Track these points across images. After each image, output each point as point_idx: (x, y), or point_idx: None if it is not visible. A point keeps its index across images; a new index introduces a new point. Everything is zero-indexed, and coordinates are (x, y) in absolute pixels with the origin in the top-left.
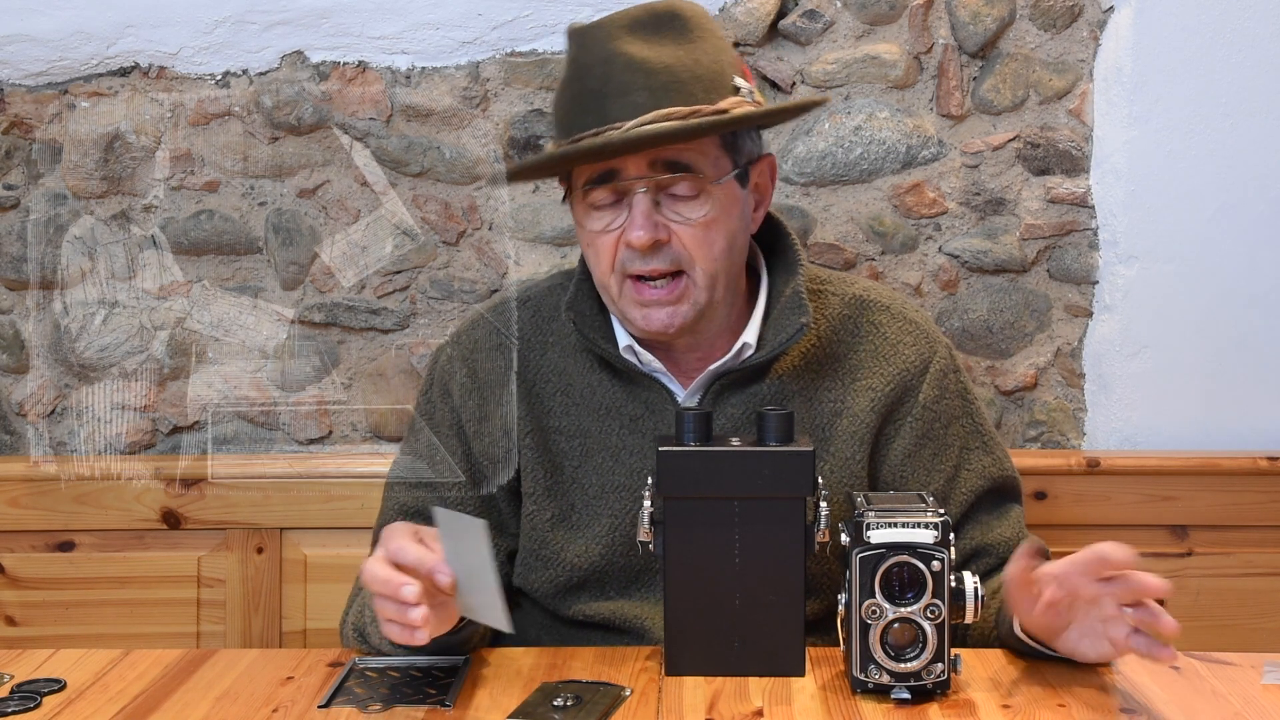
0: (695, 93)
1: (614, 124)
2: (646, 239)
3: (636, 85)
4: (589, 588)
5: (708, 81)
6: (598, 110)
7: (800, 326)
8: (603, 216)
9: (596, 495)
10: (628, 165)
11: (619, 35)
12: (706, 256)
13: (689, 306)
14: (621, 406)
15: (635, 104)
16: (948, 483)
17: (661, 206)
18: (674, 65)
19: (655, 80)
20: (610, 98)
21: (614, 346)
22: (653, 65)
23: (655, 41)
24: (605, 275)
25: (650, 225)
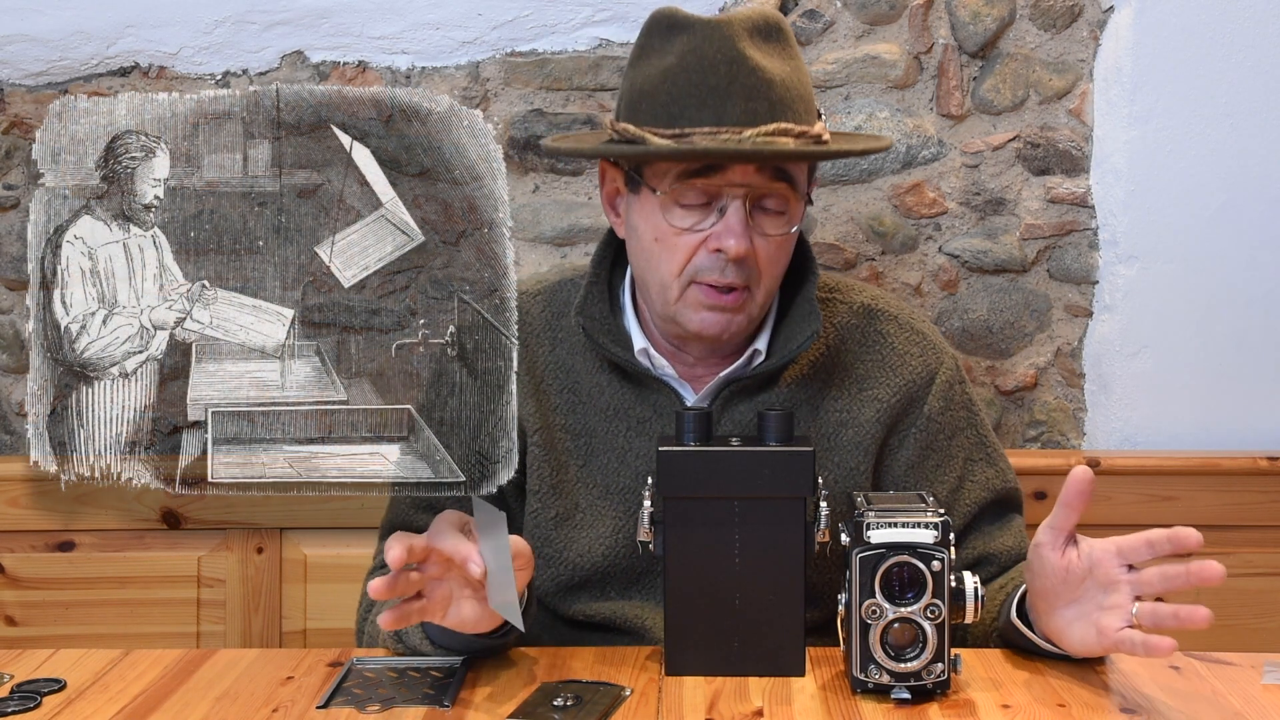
0: (800, 111)
1: (732, 127)
2: (743, 249)
3: (759, 94)
4: (590, 588)
5: (808, 101)
6: (716, 107)
7: (810, 334)
8: (690, 215)
9: (601, 496)
10: (734, 169)
11: (743, 38)
12: (773, 273)
13: (744, 318)
14: (629, 408)
15: (756, 112)
16: (951, 494)
17: (753, 218)
18: (787, 80)
19: (775, 93)
20: (734, 99)
21: (626, 349)
22: (773, 76)
23: (768, 50)
24: (670, 275)
25: (746, 236)
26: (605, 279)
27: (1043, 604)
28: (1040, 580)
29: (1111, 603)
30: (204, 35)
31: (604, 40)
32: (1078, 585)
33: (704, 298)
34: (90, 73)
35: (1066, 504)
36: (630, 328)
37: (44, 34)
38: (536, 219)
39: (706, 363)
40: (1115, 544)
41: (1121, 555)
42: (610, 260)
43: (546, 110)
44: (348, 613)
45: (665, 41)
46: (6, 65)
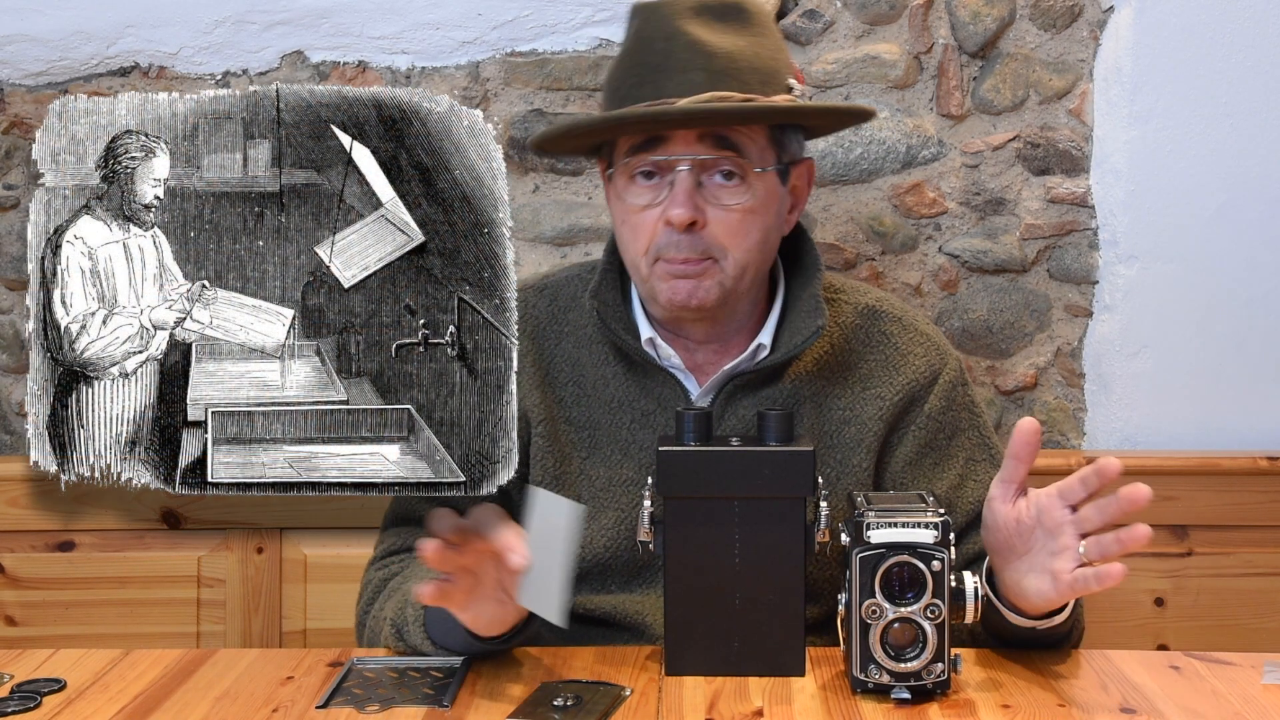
0: (751, 82)
1: (668, 99)
2: (686, 216)
3: (695, 65)
4: (591, 581)
5: (764, 74)
6: (653, 83)
7: (816, 329)
8: (643, 193)
9: (603, 488)
10: (675, 140)
11: (685, 15)
12: (739, 245)
13: (713, 284)
14: (634, 401)
15: (692, 82)
16: (951, 492)
17: (703, 189)
18: (734, 52)
19: (714, 63)
20: (668, 73)
21: (634, 338)
22: (714, 48)
23: (719, 27)
24: (638, 254)
25: (690, 204)
26: (617, 268)
27: (999, 560)
28: (994, 535)
29: (1059, 545)
30: (204, 35)
31: (604, 40)
32: (1029, 535)
33: (668, 268)
34: (90, 73)
35: (1014, 455)
36: (638, 317)
37: (44, 34)
38: (536, 219)
39: (710, 352)
40: (1055, 487)
41: (1061, 496)
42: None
43: (546, 110)
44: (348, 613)
45: (627, 31)
46: (6, 65)
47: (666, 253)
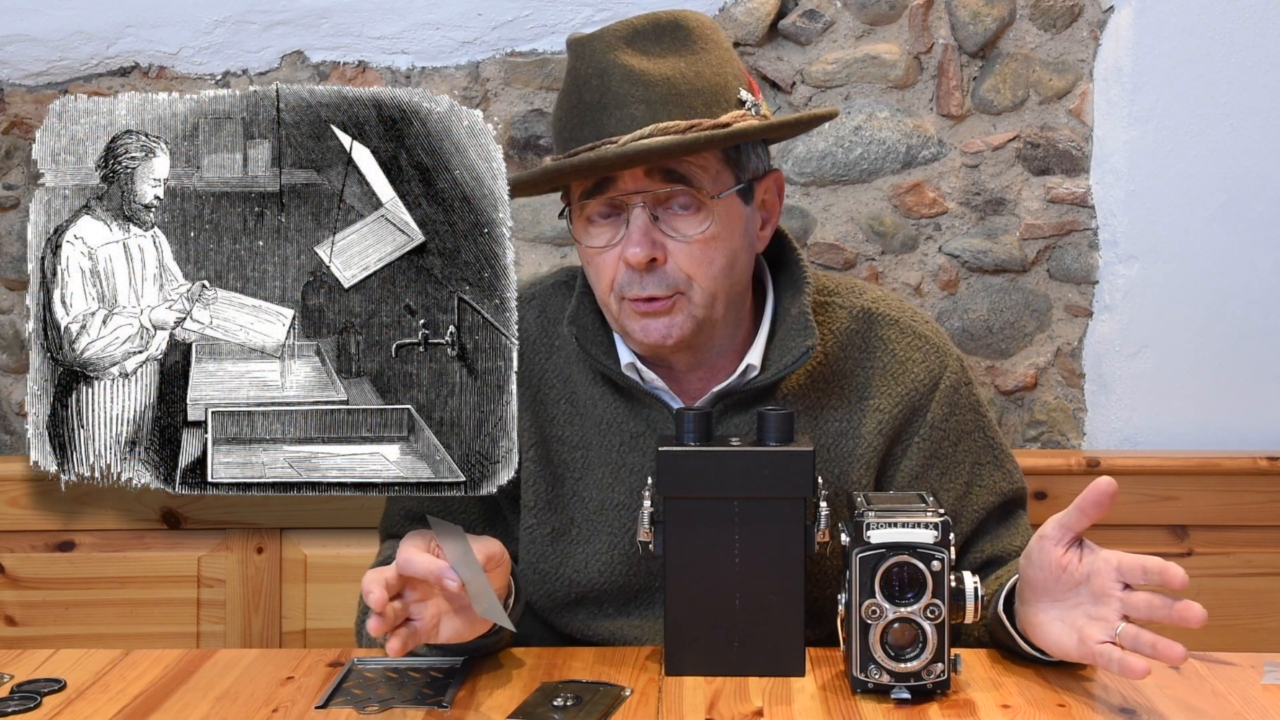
0: (695, 105)
1: (610, 138)
2: (643, 256)
3: (634, 98)
4: (587, 605)
5: (709, 94)
6: (594, 123)
7: (805, 350)
8: (601, 233)
9: (596, 511)
10: (624, 178)
11: (617, 46)
12: (705, 275)
13: (685, 318)
14: (623, 423)
15: (632, 117)
16: (959, 500)
17: (660, 223)
18: (673, 77)
19: (653, 92)
20: (607, 110)
21: (615, 363)
22: (651, 77)
23: (655, 53)
24: (605, 294)
25: (647, 242)
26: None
27: (1029, 593)
28: (1035, 570)
29: (1099, 614)
30: (204, 35)
31: None
32: (1070, 588)
33: (635, 307)
34: (90, 73)
35: (1082, 509)
36: (618, 342)
37: (44, 34)
38: (536, 219)
39: (696, 375)
40: (1116, 560)
41: (1119, 572)
42: None
43: (546, 110)
44: (348, 613)
45: (567, 66)
46: (6, 65)
47: (630, 291)
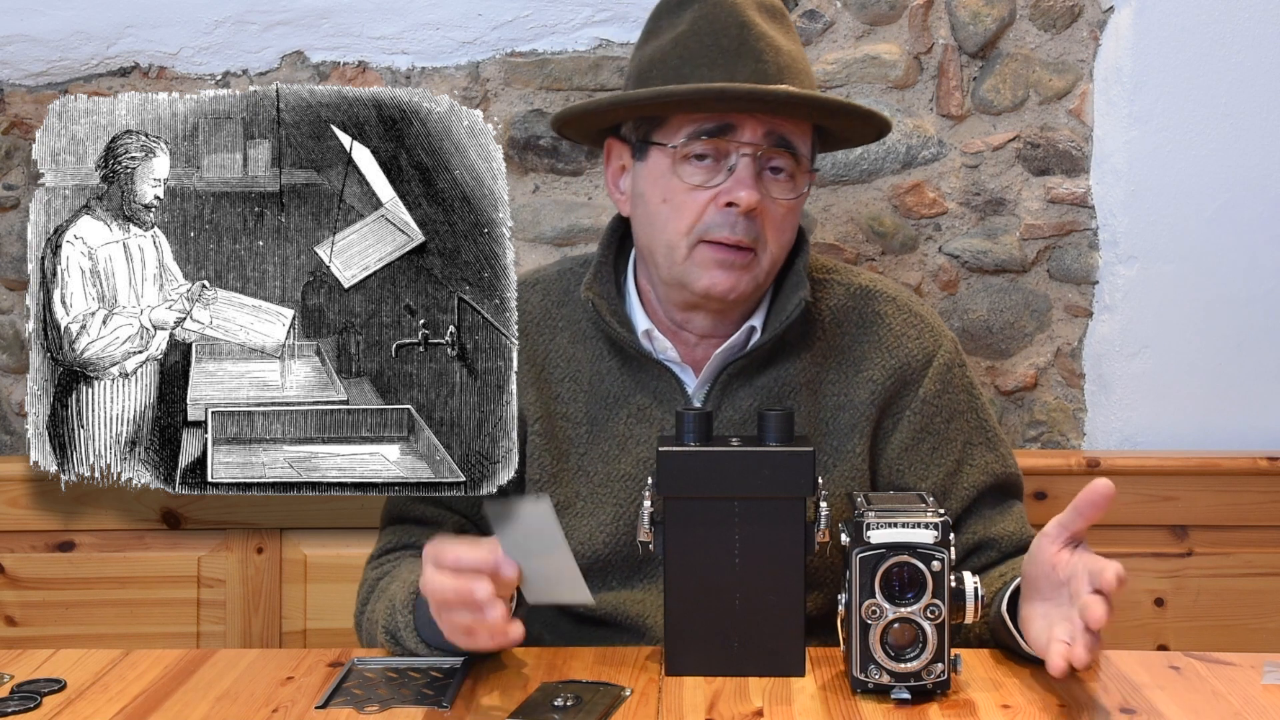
0: (805, 83)
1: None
2: (754, 198)
3: (768, 57)
4: (591, 578)
5: (811, 77)
6: (727, 66)
7: (799, 300)
8: (700, 172)
9: (601, 484)
10: (746, 127)
11: (751, 7)
12: (778, 239)
13: (750, 277)
14: (629, 395)
15: (765, 72)
16: (948, 477)
17: (760, 178)
18: (794, 51)
19: (782, 58)
20: (744, 59)
21: (630, 331)
22: (780, 44)
23: (777, 26)
24: (679, 235)
25: (758, 190)
26: (612, 261)
27: (1026, 589)
28: (1031, 567)
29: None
30: (204, 35)
31: (604, 40)
32: (1056, 586)
33: (713, 254)
34: (90, 73)
35: (1079, 510)
36: (633, 312)
37: (44, 34)
38: (536, 219)
39: (707, 343)
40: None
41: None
42: (616, 245)
43: (546, 110)
44: (348, 613)
45: (675, 16)
46: (6, 65)
47: (717, 233)
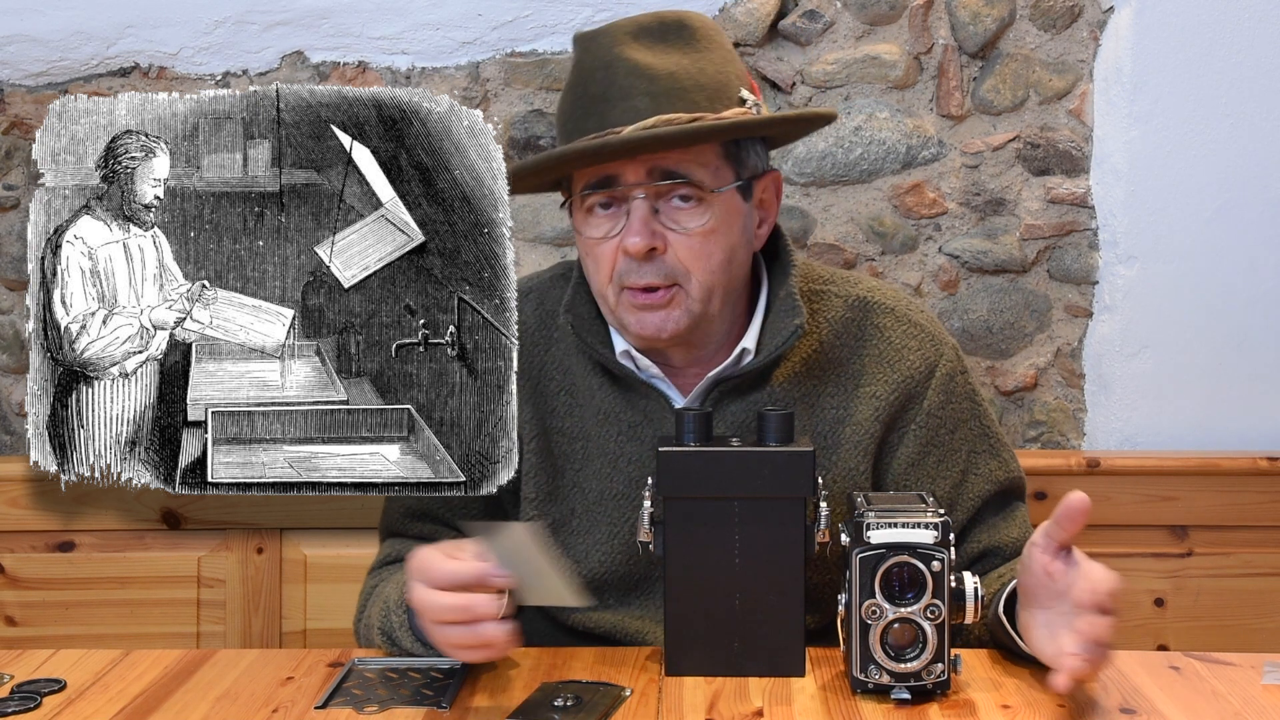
0: (698, 100)
1: (614, 129)
2: (642, 245)
3: (638, 90)
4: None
5: (712, 90)
6: (598, 115)
7: (794, 328)
8: (601, 224)
9: (595, 502)
10: (626, 171)
11: (623, 41)
12: (704, 268)
13: (682, 313)
14: (620, 413)
15: (636, 109)
16: (954, 488)
17: (660, 215)
18: (677, 73)
19: (657, 86)
20: (611, 102)
21: (611, 352)
22: (655, 71)
23: (660, 49)
24: (603, 285)
25: (647, 232)
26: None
27: (1023, 596)
28: (1026, 576)
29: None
30: (204, 35)
31: None
32: (1056, 596)
33: (632, 299)
34: (90, 73)
35: (1058, 522)
36: (614, 331)
37: (44, 34)
38: (536, 219)
39: (690, 369)
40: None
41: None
42: None
43: (546, 110)
44: (348, 613)
45: (573, 60)
46: (6, 65)
47: (628, 279)
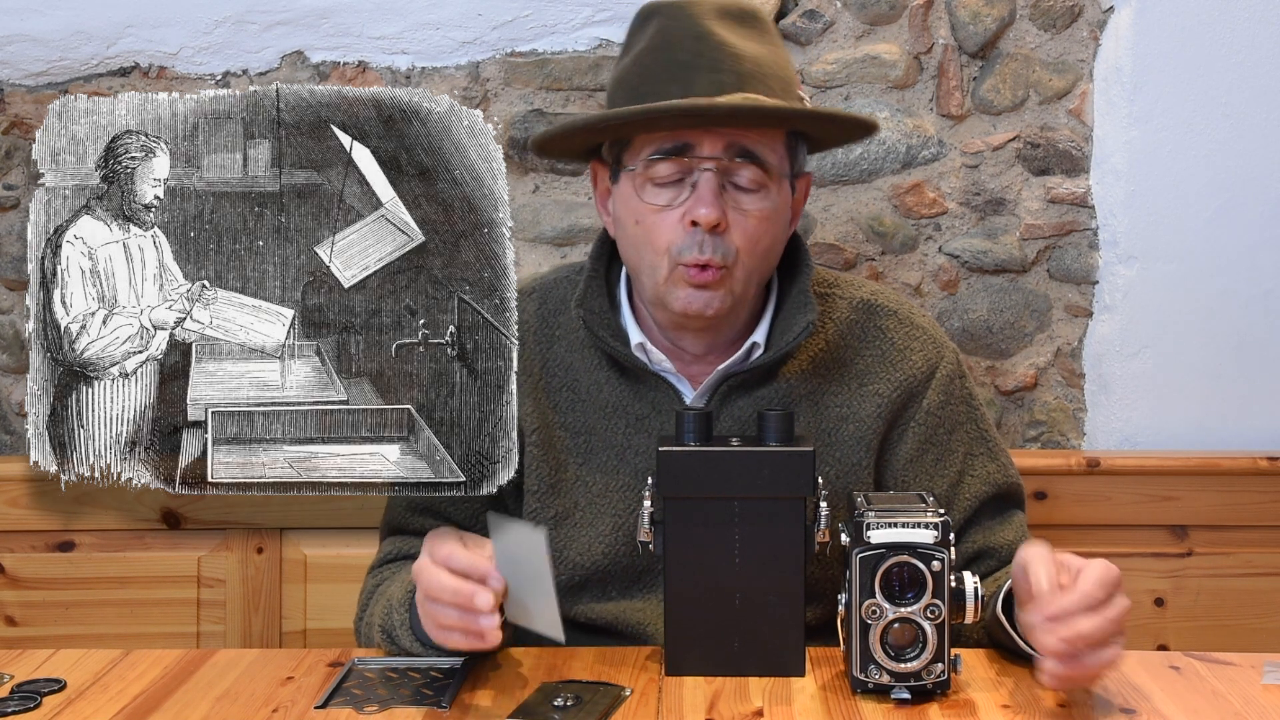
0: (775, 89)
1: (698, 98)
2: (714, 215)
3: (725, 66)
4: (590, 588)
5: (785, 81)
6: (684, 81)
7: (806, 324)
8: (664, 192)
9: (600, 494)
10: (704, 143)
11: (710, 16)
12: (752, 252)
13: (726, 293)
14: (628, 405)
15: (722, 82)
16: (951, 488)
17: (726, 192)
18: (759, 57)
19: (743, 65)
20: (699, 71)
21: (624, 344)
22: (741, 51)
23: (743, 32)
24: (656, 256)
25: (717, 205)
26: (603, 274)
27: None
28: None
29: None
30: (204, 35)
31: (604, 40)
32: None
33: (687, 275)
34: (90, 73)
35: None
36: (627, 324)
37: (44, 34)
38: (536, 219)
39: (704, 358)
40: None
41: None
42: (607, 257)
43: (546, 110)
44: (348, 613)
45: (641, 31)
46: (6, 65)
47: (687, 255)
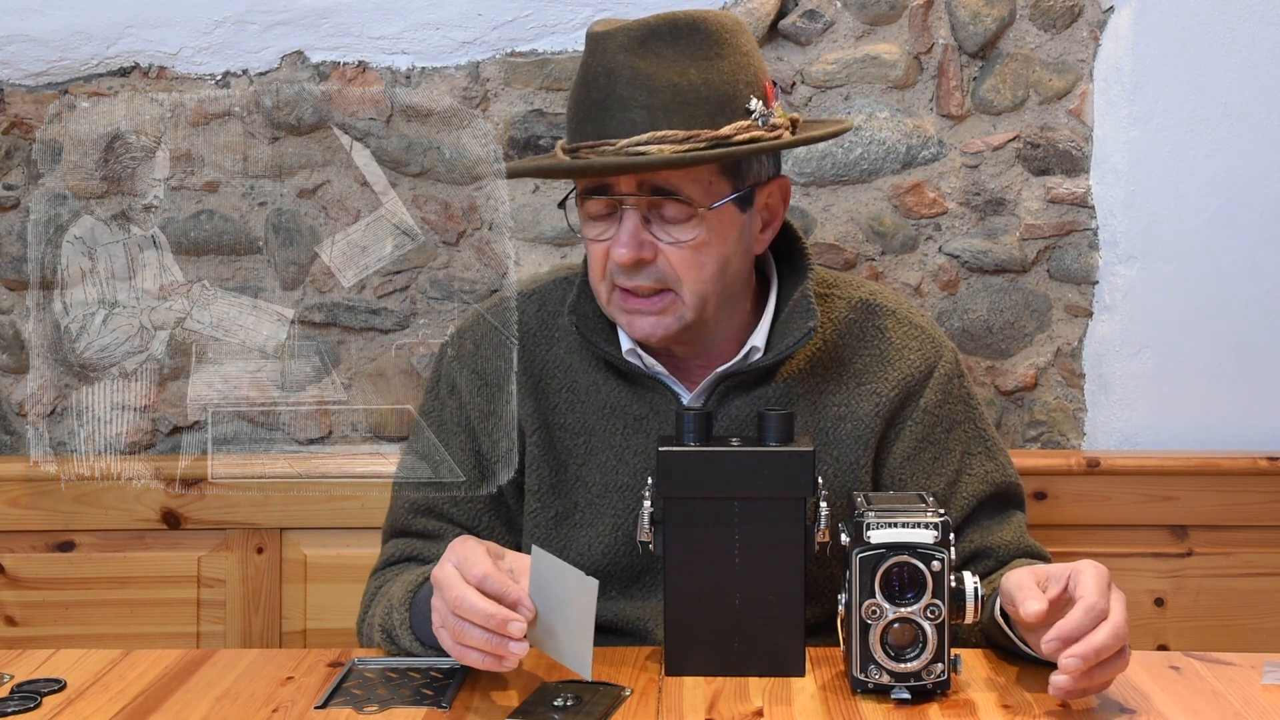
0: (698, 115)
1: (609, 140)
2: (629, 257)
3: (636, 102)
4: None
5: (714, 103)
6: (597, 122)
7: (808, 330)
8: (597, 225)
9: (600, 494)
10: (619, 182)
11: (629, 46)
12: (695, 278)
13: (673, 319)
14: (626, 406)
15: (632, 121)
16: (948, 486)
17: (651, 225)
18: (680, 84)
19: (656, 99)
20: (609, 111)
21: (616, 349)
22: (656, 83)
23: (666, 56)
24: (597, 282)
25: (635, 244)
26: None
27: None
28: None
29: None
30: (204, 35)
31: None
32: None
33: (621, 301)
34: (90, 73)
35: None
36: (620, 328)
37: (44, 34)
38: (536, 219)
39: (696, 363)
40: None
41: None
42: None
43: (546, 110)
44: (348, 613)
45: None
46: (6, 65)
47: (619, 280)
